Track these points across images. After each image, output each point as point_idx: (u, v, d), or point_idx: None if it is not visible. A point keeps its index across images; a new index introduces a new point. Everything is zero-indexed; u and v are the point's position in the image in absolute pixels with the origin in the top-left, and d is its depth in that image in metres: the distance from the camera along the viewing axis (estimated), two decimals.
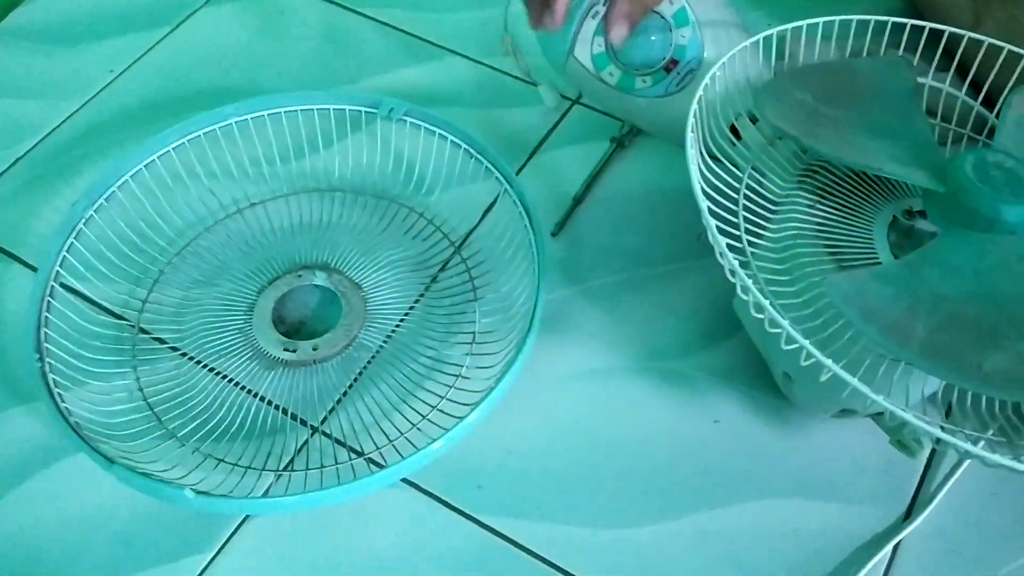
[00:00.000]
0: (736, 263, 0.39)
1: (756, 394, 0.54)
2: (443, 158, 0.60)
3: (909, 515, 0.50)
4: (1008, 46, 0.51)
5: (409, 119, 0.59)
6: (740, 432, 0.53)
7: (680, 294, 0.58)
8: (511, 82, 0.69)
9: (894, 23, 0.52)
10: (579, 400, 0.55)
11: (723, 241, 0.39)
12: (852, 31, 0.52)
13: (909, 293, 0.39)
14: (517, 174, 0.64)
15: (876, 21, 0.52)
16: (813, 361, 0.37)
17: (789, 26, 0.50)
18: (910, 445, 0.47)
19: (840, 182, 0.47)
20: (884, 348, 0.38)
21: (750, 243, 0.43)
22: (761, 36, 0.50)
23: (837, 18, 0.51)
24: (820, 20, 0.51)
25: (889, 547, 0.49)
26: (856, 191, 0.47)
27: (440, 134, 0.59)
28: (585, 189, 0.63)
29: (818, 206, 0.46)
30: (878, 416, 0.48)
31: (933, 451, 0.52)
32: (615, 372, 0.55)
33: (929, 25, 0.52)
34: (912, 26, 0.52)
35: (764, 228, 0.45)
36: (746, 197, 0.45)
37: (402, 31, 0.73)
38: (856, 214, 0.46)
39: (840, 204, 0.46)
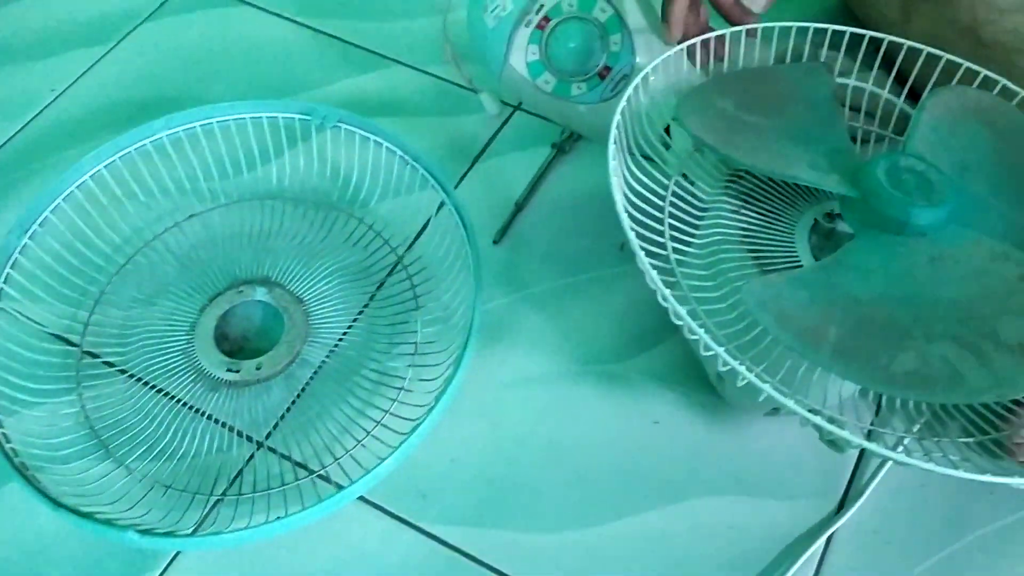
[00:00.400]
0: (655, 274, 0.39)
1: (693, 394, 0.55)
2: (381, 166, 0.60)
3: (841, 508, 0.52)
4: (927, 48, 0.52)
5: (343, 126, 0.59)
6: (679, 432, 0.54)
7: (620, 297, 0.59)
8: (454, 90, 0.70)
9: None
10: (522, 406, 0.55)
11: (644, 255, 0.40)
12: (792, 32, 0.53)
13: (823, 297, 0.40)
14: (460, 181, 0.65)
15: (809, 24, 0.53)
16: (731, 367, 0.38)
17: (712, 35, 0.51)
18: (839, 441, 0.48)
19: (764, 187, 0.48)
20: (798, 352, 0.39)
21: (677, 250, 0.44)
22: (685, 45, 0.51)
23: (776, 24, 0.52)
24: (759, 26, 0.52)
25: (822, 540, 0.51)
26: (779, 195, 0.48)
27: (376, 141, 0.59)
28: (527, 195, 0.64)
29: (742, 211, 0.47)
30: (812, 411, 0.49)
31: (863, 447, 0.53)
32: (557, 377, 0.56)
33: (869, 33, 0.53)
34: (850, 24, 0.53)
35: (691, 235, 0.46)
36: (672, 204, 0.46)
37: (344, 41, 0.73)
38: (779, 218, 0.47)
39: (764, 209, 0.47)
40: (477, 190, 0.64)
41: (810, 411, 0.41)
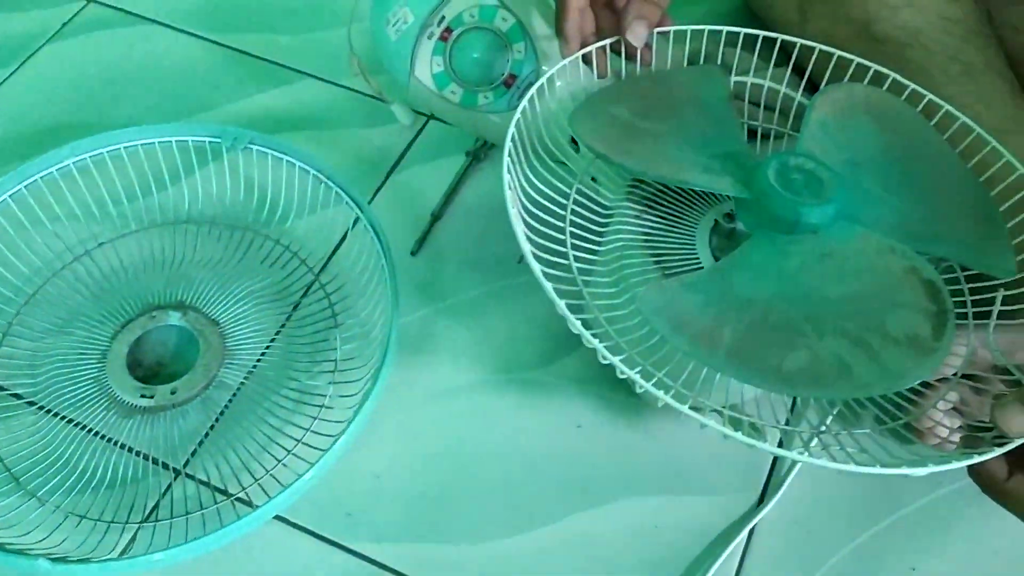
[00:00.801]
0: (550, 288, 0.40)
1: (614, 396, 0.56)
2: (294, 185, 0.59)
3: (762, 500, 0.53)
4: (819, 46, 0.53)
5: (255, 147, 0.59)
6: (601, 434, 0.55)
7: (539, 303, 0.59)
8: (366, 101, 0.70)
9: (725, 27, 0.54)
10: (445, 417, 0.55)
11: (540, 270, 0.40)
12: (687, 35, 0.53)
13: (718, 300, 0.40)
14: (376, 194, 0.65)
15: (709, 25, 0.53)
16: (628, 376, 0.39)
17: (607, 42, 0.52)
18: (749, 435, 0.49)
19: (665, 190, 0.48)
20: (694, 357, 0.39)
21: (579, 258, 0.44)
22: (580, 52, 0.51)
23: (671, 28, 0.52)
24: (652, 32, 0.52)
25: (745, 533, 0.52)
26: (680, 198, 0.49)
27: (288, 161, 0.59)
28: (443, 204, 0.64)
29: (644, 216, 0.48)
30: (732, 407, 0.50)
31: (780, 438, 0.54)
32: (479, 386, 0.56)
33: (762, 33, 0.53)
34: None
35: (594, 242, 0.46)
36: (574, 212, 0.46)
37: (254, 56, 0.73)
38: (681, 221, 0.48)
39: (665, 212, 0.48)
40: (393, 202, 0.64)
41: (721, 409, 0.42)
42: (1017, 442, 0.38)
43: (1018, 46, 0.61)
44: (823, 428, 0.45)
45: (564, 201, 0.45)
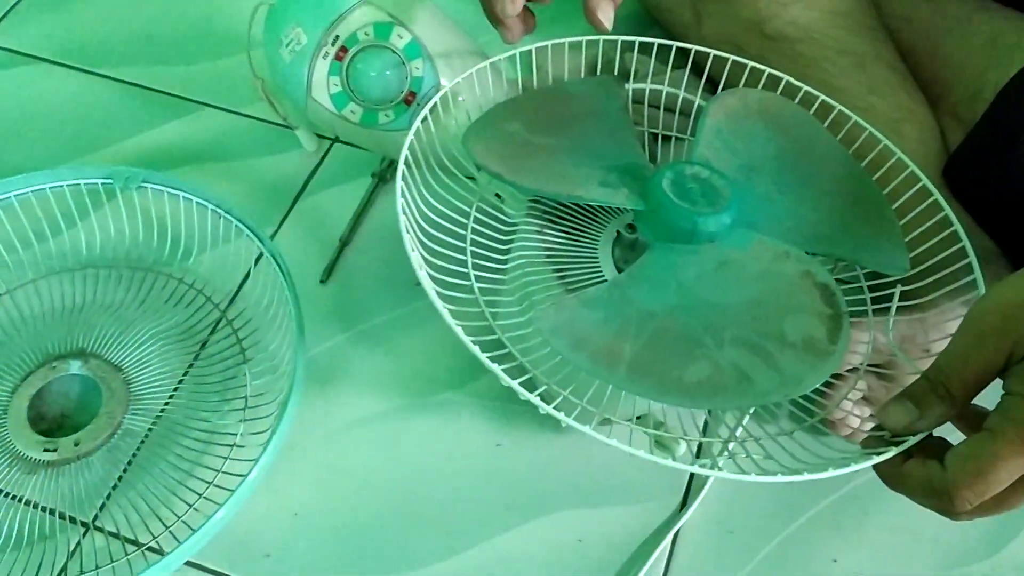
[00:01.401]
0: (447, 312, 0.39)
1: (533, 412, 0.55)
2: (194, 221, 0.58)
3: (684, 504, 0.53)
4: (714, 51, 0.53)
5: (149, 185, 0.57)
6: (522, 452, 0.54)
7: None
8: (268, 129, 0.68)
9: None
10: (363, 447, 0.54)
11: (436, 294, 0.40)
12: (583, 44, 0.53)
13: (618, 315, 0.40)
14: (282, 223, 0.63)
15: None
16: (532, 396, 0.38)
17: (503, 56, 0.51)
18: (669, 445, 0.49)
19: (565, 204, 0.48)
20: (595, 375, 0.39)
21: (480, 278, 0.44)
22: (475, 69, 0.51)
23: (566, 40, 0.52)
24: (548, 43, 0.52)
25: (669, 538, 0.52)
26: (582, 211, 0.48)
27: (184, 197, 0.57)
28: (351, 229, 0.63)
29: (546, 231, 0.47)
30: (637, 420, 0.50)
31: (700, 443, 0.55)
32: (395, 412, 0.56)
33: (656, 41, 0.53)
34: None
35: (498, 260, 0.46)
36: (475, 231, 0.46)
37: (150, 89, 0.71)
38: (583, 234, 0.47)
39: (567, 226, 0.48)
40: (301, 230, 0.63)
41: (629, 423, 0.42)
42: (913, 440, 0.38)
43: (906, 36, 0.62)
44: (735, 436, 0.45)
45: (465, 220, 0.45)
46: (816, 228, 0.46)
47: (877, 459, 0.38)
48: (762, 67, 0.53)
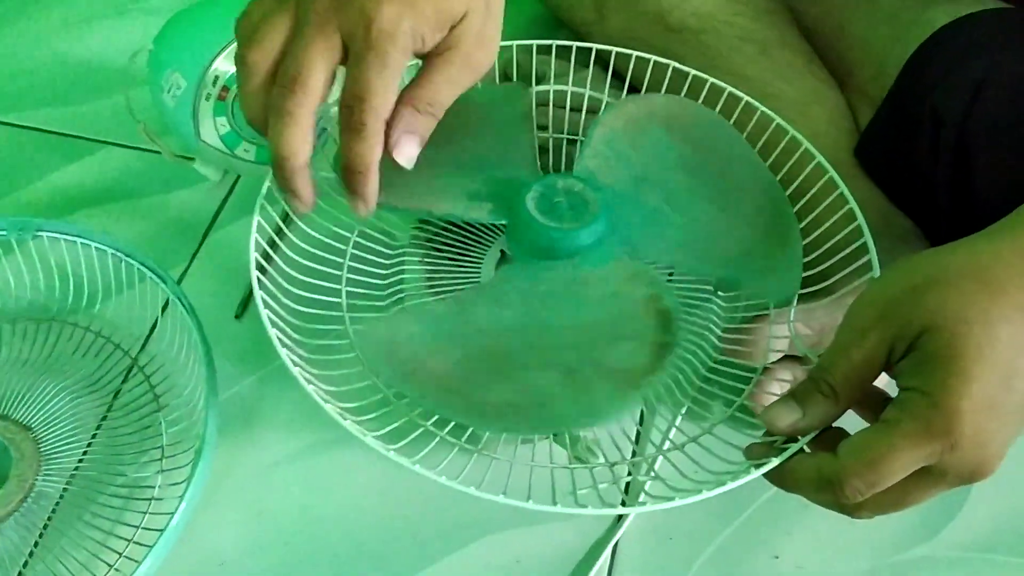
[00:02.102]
0: (285, 353, 0.40)
1: (456, 437, 0.54)
2: (96, 268, 0.56)
3: (621, 516, 0.52)
4: (615, 48, 0.52)
5: (45, 234, 0.55)
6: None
7: None
8: (172, 163, 0.66)
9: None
10: (288, 486, 0.53)
11: (288, 358, 0.40)
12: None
13: (446, 331, 0.39)
14: (192, 260, 0.62)
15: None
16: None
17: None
18: (585, 457, 0.48)
19: (448, 228, 0.47)
20: (401, 389, 0.38)
21: (357, 319, 0.43)
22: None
23: None
24: None
25: (608, 551, 0.51)
26: (466, 233, 0.47)
27: (83, 243, 0.55)
28: (266, 260, 0.61)
29: (427, 258, 0.46)
30: (556, 437, 0.48)
31: (633, 450, 0.54)
32: (319, 447, 0.54)
33: (554, 43, 0.52)
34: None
35: (377, 297, 0.45)
36: (351, 269, 0.45)
37: (42, 131, 0.68)
38: (467, 257, 0.46)
39: (452, 252, 0.47)
40: (212, 265, 0.61)
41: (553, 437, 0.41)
42: (795, 448, 0.38)
43: (810, 19, 0.61)
44: (672, 439, 0.44)
45: (341, 260, 0.43)
46: (707, 247, 0.45)
47: (767, 467, 0.37)
48: (665, 60, 0.52)
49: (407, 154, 0.40)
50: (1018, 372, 0.33)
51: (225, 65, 0.53)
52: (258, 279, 0.61)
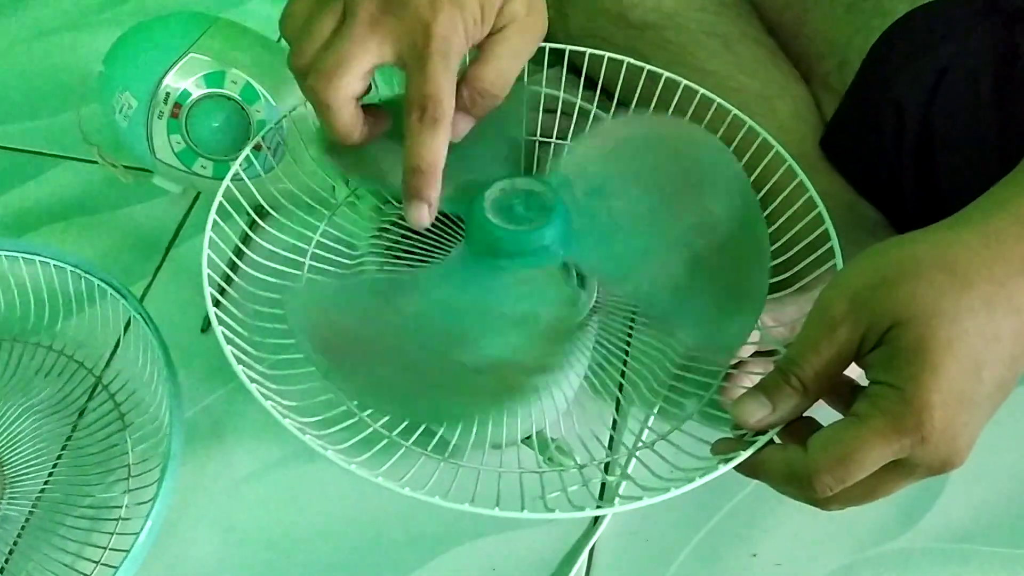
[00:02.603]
0: (242, 373, 0.39)
1: (426, 445, 0.53)
2: (56, 286, 0.55)
3: (596, 519, 0.51)
4: (569, 47, 0.51)
5: (3, 253, 0.54)
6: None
7: None
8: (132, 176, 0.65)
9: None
10: (259, 502, 0.52)
11: (234, 360, 0.39)
12: None
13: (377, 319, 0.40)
14: (156, 273, 0.61)
15: None
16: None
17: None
18: (559, 460, 0.47)
19: (408, 235, 0.46)
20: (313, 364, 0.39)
21: None
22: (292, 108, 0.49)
23: None
24: None
25: (584, 554, 0.50)
26: (426, 241, 0.47)
27: (41, 261, 0.54)
28: (232, 271, 0.60)
29: (386, 267, 0.46)
30: (526, 440, 0.48)
31: (606, 452, 0.53)
32: (287, 461, 0.53)
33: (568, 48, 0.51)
34: None
35: None
36: (312, 269, 0.44)
37: (2, 148, 0.67)
38: (431, 260, 0.46)
39: (411, 260, 0.46)
40: (176, 278, 0.60)
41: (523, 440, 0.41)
42: (763, 440, 0.37)
43: (772, 13, 0.61)
44: (645, 438, 0.44)
45: (298, 272, 0.43)
46: (656, 275, 0.44)
47: (727, 465, 0.37)
48: (619, 56, 0.51)
49: (459, 131, 0.42)
50: (985, 363, 0.33)
51: (176, 81, 0.52)
52: (220, 292, 0.60)
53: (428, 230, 0.46)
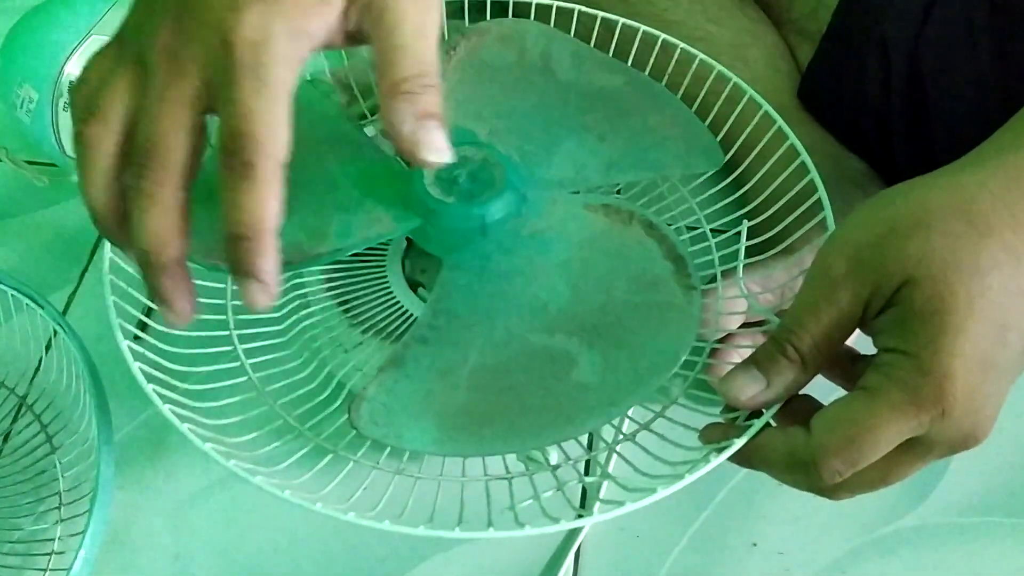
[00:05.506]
0: (156, 397, 0.36)
1: (393, 452, 0.49)
2: None
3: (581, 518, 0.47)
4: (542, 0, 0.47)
5: None
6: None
7: None
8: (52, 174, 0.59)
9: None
10: (203, 524, 0.47)
11: (143, 379, 0.36)
12: None
13: (450, 359, 0.35)
14: (81, 279, 0.55)
15: None
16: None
17: None
18: (537, 459, 0.43)
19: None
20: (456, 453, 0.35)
21: (253, 352, 0.40)
22: None
23: None
24: None
25: (571, 555, 0.46)
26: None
27: None
28: None
29: (332, 274, 0.41)
30: None
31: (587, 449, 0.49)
32: (235, 478, 0.46)
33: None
34: None
35: (272, 321, 0.40)
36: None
37: None
38: (369, 270, 0.41)
39: (354, 270, 0.42)
40: (103, 286, 0.55)
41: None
42: (758, 425, 0.33)
43: None
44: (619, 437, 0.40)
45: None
46: (627, 153, 0.41)
47: (721, 456, 0.33)
48: (571, 5, 0.46)
49: (436, 145, 0.30)
50: (1011, 324, 0.29)
51: (79, 67, 0.47)
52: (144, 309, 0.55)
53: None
